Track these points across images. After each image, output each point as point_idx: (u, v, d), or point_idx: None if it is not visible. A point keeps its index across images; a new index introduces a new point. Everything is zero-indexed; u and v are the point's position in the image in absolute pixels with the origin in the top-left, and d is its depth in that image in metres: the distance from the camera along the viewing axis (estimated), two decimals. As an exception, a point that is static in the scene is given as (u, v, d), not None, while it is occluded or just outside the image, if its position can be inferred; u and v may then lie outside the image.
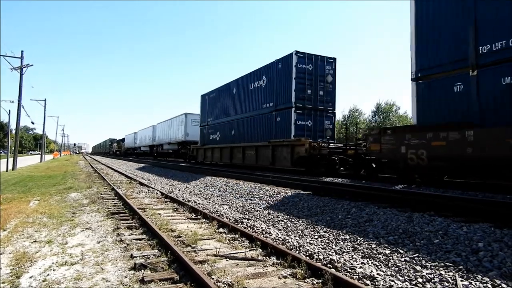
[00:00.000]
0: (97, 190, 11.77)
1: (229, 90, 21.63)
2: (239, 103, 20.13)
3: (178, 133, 32.22)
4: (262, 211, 7.81)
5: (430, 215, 5.89)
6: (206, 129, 25.09)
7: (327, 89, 15.89)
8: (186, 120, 30.80)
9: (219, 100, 23.21)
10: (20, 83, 25.46)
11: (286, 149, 14.70)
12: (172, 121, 35.08)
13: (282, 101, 15.96)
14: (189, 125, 30.49)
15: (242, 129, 19.50)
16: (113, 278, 3.85)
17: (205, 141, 24.91)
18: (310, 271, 3.94)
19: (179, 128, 32.18)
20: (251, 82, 18.86)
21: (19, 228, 6.19)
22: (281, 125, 15.87)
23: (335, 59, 16.22)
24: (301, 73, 15.15)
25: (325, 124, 15.85)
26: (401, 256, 4.44)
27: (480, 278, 3.63)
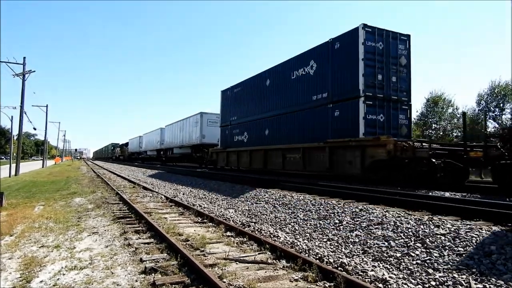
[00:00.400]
0: (101, 195, 11.76)
1: (260, 83, 17.91)
2: (275, 97, 16.46)
3: (193, 135, 28.83)
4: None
5: (440, 218, 5.85)
6: (228, 129, 21.13)
7: (400, 75, 12.52)
8: (201, 120, 27.33)
9: (246, 95, 19.33)
10: (23, 89, 25.57)
11: (353, 151, 11.42)
12: (185, 122, 31.51)
13: (341, 90, 12.48)
14: (205, 125, 27.23)
15: (281, 128, 15.85)
16: (123, 282, 3.83)
17: (228, 143, 20.98)
18: (321, 274, 3.91)
19: (193, 129, 28.84)
20: (293, 70, 15.12)
21: (25, 233, 6.17)
22: (341, 120, 12.41)
23: (409, 37, 12.80)
24: (370, 53, 11.86)
25: (399, 119, 12.47)
26: (412, 259, 4.41)
27: (494, 281, 3.59)
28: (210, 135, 26.89)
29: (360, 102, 11.68)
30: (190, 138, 29.68)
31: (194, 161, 29.95)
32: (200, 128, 27.42)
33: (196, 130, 28.10)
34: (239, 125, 19.87)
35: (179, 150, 33.62)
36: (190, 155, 30.26)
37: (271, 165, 16.36)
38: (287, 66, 15.80)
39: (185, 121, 31.46)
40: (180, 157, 33.88)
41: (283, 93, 15.87)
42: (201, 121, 27.46)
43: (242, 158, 19.10)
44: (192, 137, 29.11)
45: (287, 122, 15.45)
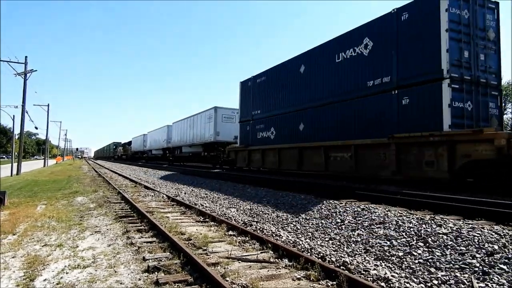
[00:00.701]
0: (103, 194, 11.79)
1: (291, 70, 15.26)
2: (313, 85, 13.70)
3: (205, 132, 26.20)
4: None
5: (441, 217, 5.86)
6: (250, 125, 18.48)
7: (488, 52, 10.07)
8: (215, 116, 24.65)
9: (273, 85, 16.67)
10: (24, 89, 25.61)
11: (435, 149, 8.94)
12: (196, 118, 28.81)
13: (413, 72, 9.91)
14: (220, 121, 24.58)
15: (321, 121, 13.11)
16: (127, 281, 3.85)
17: (250, 141, 18.30)
18: (324, 273, 3.92)
19: (206, 126, 26.15)
20: (338, 51, 12.56)
21: (28, 232, 6.19)
22: (412, 110, 9.88)
23: (498, 5, 10.37)
24: (455, 23, 9.39)
25: (489, 108, 10.00)
26: (414, 258, 4.41)
27: (496, 280, 3.60)
28: (225, 132, 24.43)
29: (443, 85, 9.14)
30: (202, 135, 27.06)
31: (206, 161, 27.36)
32: (214, 124, 24.67)
33: (209, 126, 25.38)
34: (264, 119, 17.19)
35: (189, 149, 31.21)
36: (202, 154, 27.81)
37: (308, 165, 13.63)
38: (328, 48, 13.17)
39: (196, 117, 28.80)
40: (190, 156, 31.32)
41: (325, 80, 13.12)
42: (215, 117, 24.72)
43: (268, 157, 16.52)
44: (204, 134, 26.49)
45: (330, 114, 12.70)
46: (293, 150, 14.43)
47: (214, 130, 24.68)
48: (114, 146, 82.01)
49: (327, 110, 12.90)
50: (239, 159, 19.80)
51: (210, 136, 25.14)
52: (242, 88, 20.12)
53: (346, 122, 11.99)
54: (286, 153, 15.02)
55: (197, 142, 28.31)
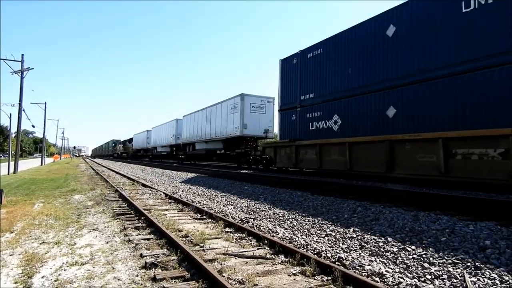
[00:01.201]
0: (100, 192, 11.80)
1: (371, 33, 11.21)
2: (415, 51, 9.67)
3: (228, 125, 22.16)
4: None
5: (436, 214, 5.94)
6: (298, 114, 14.43)
7: None
8: (242, 105, 20.47)
9: (338, 58, 12.43)
10: (21, 87, 25.52)
11: None
12: (214, 109, 24.81)
13: None
14: (248, 112, 20.54)
15: (435, 103, 9.05)
16: (124, 277, 3.89)
17: (298, 134, 14.22)
18: (319, 269, 3.98)
19: (229, 117, 22.09)
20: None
21: (26, 230, 6.21)
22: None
23: None
24: None
25: None
26: (408, 254, 4.48)
27: (488, 275, 3.67)
28: (253, 124, 20.49)
29: None
30: (222, 129, 23.05)
31: (227, 159, 23.60)
32: (240, 115, 20.45)
33: (234, 118, 21.21)
34: (322, 105, 13.08)
35: (204, 145, 27.05)
36: (222, 151, 23.64)
37: (407, 167, 9.44)
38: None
39: (215, 108, 24.68)
40: (205, 154, 27.07)
41: (439, 41, 9.07)
42: (241, 106, 20.48)
43: (330, 155, 12.30)
44: (226, 127, 22.41)
45: (454, 91, 8.60)
46: (378, 145, 10.22)
47: (240, 122, 20.40)
48: (114, 144, 78.78)
49: (446, 85, 8.72)
50: (280, 157, 15.55)
51: (235, 129, 20.97)
52: (284, 67, 15.69)
53: (483, 103, 7.98)
54: (364, 149, 10.79)
55: (215, 137, 24.18)
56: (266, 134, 20.42)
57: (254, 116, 20.78)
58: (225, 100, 23.22)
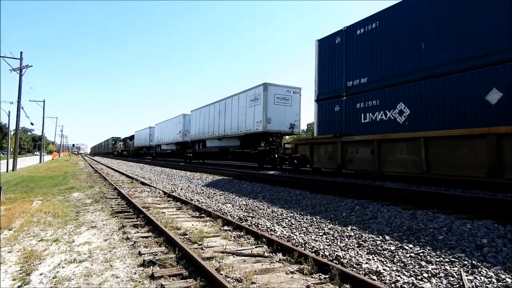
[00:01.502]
0: (99, 190, 11.81)
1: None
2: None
3: (247, 120, 19.73)
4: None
5: (433, 212, 5.96)
6: (343, 103, 11.99)
7: None
8: (265, 96, 18.10)
9: (404, 32, 9.98)
10: (20, 84, 25.46)
11: None
12: (229, 102, 22.41)
13: None
14: (272, 104, 18.18)
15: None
16: (122, 275, 3.90)
17: (344, 128, 11.78)
18: (317, 267, 3.99)
19: (248, 110, 19.70)
20: None
21: (24, 227, 6.21)
22: None
23: None
24: None
25: None
26: (406, 252, 4.49)
27: (485, 273, 3.68)
28: (277, 118, 18.23)
29: None
30: (241, 124, 20.61)
31: (245, 158, 21.63)
32: (263, 107, 18.12)
33: (255, 111, 18.87)
34: (380, 91, 10.58)
35: (217, 142, 24.57)
36: (239, 149, 21.38)
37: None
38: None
39: (231, 100, 22.33)
40: (220, 152, 24.86)
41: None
42: (264, 97, 18.11)
43: (393, 154, 9.73)
44: (245, 122, 20.05)
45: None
46: (475, 141, 7.80)
47: (263, 115, 18.00)
48: (114, 141, 76.97)
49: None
50: (319, 156, 12.84)
51: (257, 124, 18.55)
52: (322, 50, 13.24)
53: None
54: (450, 146, 8.29)
55: (231, 133, 21.75)
56: (292, 129, 18.17)
57: (278, 109, 18.28)
58: (243, 91, 20.49)
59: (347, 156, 11.38)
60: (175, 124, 34.80)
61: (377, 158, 10.10)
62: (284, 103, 18.53)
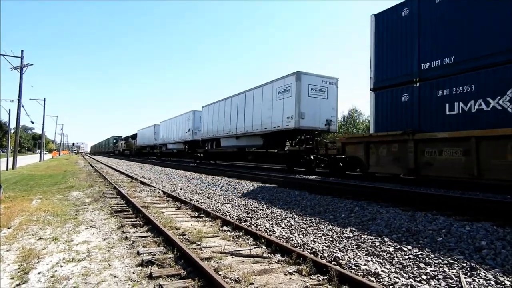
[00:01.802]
0: (98, 189, 11.80)
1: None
2: None
3: (275, 115, 17.22)
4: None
5: (432, 214, 5.95)
6: (414, 92, 9.75)
7: None
8: (298, 87, 15.64)
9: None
10: (20, 83, 25.46)
11: None
12: (251, 94, 19.81)
13: None
14: (305, 96, 15.79)
15: None
16: (121, 274, 3.89)
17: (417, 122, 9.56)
18: (315, 268, 3.99)
19: (276, 104, 17.18)
20: None
21: (23, 226, 6.21)
22: None
23: None
24: None
25: None
26: (405, 254, 4.49)
27: (483, 275, 3.68)
28: (312, 113, 15.82)
29: None
30: (265, 120, 18.15)
31: (269, 159, 19.35)
32: (295, 100, 15.70)
33: (285, 104, 16.43)
34: (477, 73, 8.27)
35: (235, 141, 22.13)
36: (262, 149, 19.11)
37: None
38: None
39: (252, 93, 19.76)
40: (237, 153, 22.54)
41: None
42: (297, 89, 15.66)
43: (500, 155, 7.38)
44: (272, 118, 17.55)
45: None
46: None
47: (296, 109, 15.57)
48: (115, 140, 75.04)
49: None
50: (378, 158, 10.31)
51: (287, 120, 16.17)
52: (381, 26, 10.99)
53: None
54: None
55: (252, 131, 19.35)
56: (329, 126, 15.99)
57: (313, 102, 15.91)
58: (268, 82, 18.14)
59: (424, 158, 8.85)
60: (183, 121, 32.21)
61: (475, 161, 7.65)
62: (320, 95, 16.10)
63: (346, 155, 11.89)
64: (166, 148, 39.11)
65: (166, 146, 39.11)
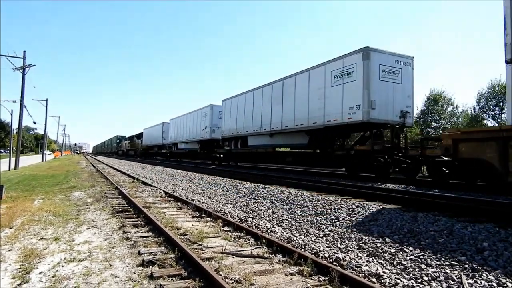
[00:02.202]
0: (100, 189, 11.83)
1: None
2: None
3: (332, 106, 13.79)
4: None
5: (434, 215, 5.93)
6: None
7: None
8: (367, 68, 12.41)
9: None
10: (23, 83, 25.55)
11: None
12: (291, 81, 16.59)
13: None
14: (376, 79, 12.48)
15: None
16: (121, 274, 3.90)
17: None
18: (316, 269, 3.98)
19: (334, 91, 13.73)
20: None
21: (25, 225, 6.23)
22: None
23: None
24: None
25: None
26: (406, 255, 4.47)
27: (485, 277, 3.66)
28: (384, 101, 12.53)
29: None
30: (313, 114, 14.69)
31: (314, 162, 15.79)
32: (363, 84, 12.36)
33: (345, 91, 13.12)
34: None
35: (267, 140, 18.80)
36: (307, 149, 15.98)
37: None
38: None
39: (292, 80, 16.54)
40: (269, 154, 19.22)
41: None
42: (365, 70, 12.38)
43: None
44: (324, 110, 14.13)
45: None
46: None
47: (364, 97, 12.22)
48: (118, 140, 71.56)
49: None
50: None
51: (350, 111, 12.81)
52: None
53: None
54: None
55: (294, 127, 16.04)
56: (404, 119, 12.64)
57: (385, 88, 12.57)
58: (317, 65, 14.61)
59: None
60: (198, 117, 28.44)
61: None
62: (393, 79, 12.78)
63: (459, 157, 8.66)
64: (177, 148, 35.89)
65: (177, 146, 36.00)
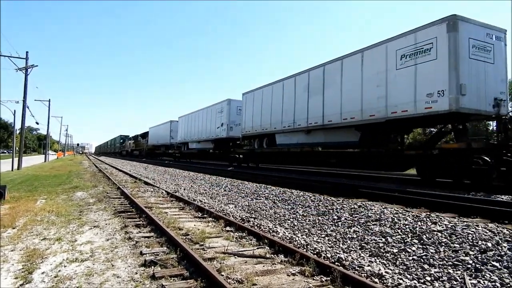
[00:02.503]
0: (102, 189, 11.85)
1: None
2: None
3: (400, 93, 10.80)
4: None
5: (437, 215, 5.90)
6: None
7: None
8: (454, 41, 9.40)
9: None
10: (25, 84, 25.62)
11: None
12: (338, 66, 13.49)
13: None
14: (465, 57, 9.53)
15: None
16: (124, 274, 3.90)
17: None
18: (318, 269, 3.97)
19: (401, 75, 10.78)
20: None
21: (28, 226, 6.25)
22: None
23: None
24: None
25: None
26: (409, 255, 4.45)
27: (488, 277, 3.64)
28: (475, 85, 9.68)
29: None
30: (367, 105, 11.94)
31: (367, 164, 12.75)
32: (449, 63, 9.48)
33: (422, 74, 10.24)
34: None
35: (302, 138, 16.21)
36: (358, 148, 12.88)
37: None
38: None
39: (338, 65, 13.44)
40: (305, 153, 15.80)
41: None
42: (451, 44, 9.49)
43: None
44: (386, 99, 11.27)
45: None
46: None
47: (452, 80, 9.44)
48: (122, 140, 70.04)
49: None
50: None
51: (428, 99, 10.03)
52: None
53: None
54: None
55: (341, 122, 13.23)
56: (498, 108, 9.95)
57: (475, 69, 9.73)
58: (372, 45, 11.98)
59: None
60: (213, 114, 25.72)
61: None
62: (485, 57, 9.93)
63: None
64: (188, 148, 32.90)
65: (187, 145, 32.94)
